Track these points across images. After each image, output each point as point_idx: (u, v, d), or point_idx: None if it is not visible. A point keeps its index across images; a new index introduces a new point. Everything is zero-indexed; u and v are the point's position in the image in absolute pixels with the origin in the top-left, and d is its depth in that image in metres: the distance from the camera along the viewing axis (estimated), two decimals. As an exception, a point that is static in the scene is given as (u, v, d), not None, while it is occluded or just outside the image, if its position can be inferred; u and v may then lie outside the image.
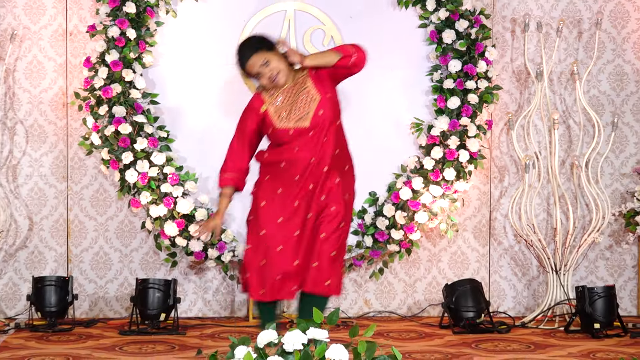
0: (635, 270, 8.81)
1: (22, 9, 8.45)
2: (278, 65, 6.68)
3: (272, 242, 6.59)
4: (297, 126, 6.64)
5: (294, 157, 6.64)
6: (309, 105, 6.67)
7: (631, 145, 8.79)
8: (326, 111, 6.67)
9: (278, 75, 6.67)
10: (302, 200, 6.64)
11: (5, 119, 8.47)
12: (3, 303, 8.54)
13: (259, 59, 6.68)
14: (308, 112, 6.65)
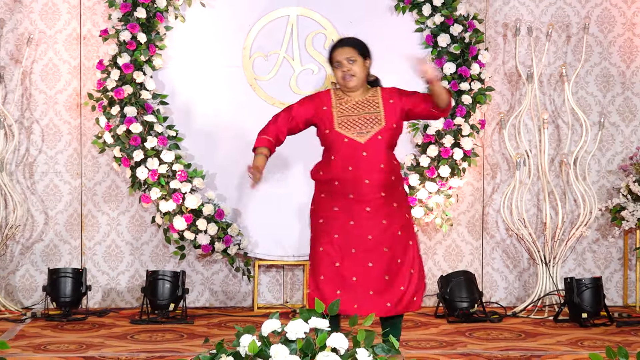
0: (621, 262, 8.82)
1: (38, 14, 8.46)
2: (358, 70, 6.58)
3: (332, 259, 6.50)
4: (354, 138, 6.50)
5: (348, 177, 6.48)
6: (371, 126, 6.51)
7: (617, 144, 8.79)
8: (385, 138, 6.51)
9: (352, 77, 6.56)
10: (359, 220, 6.56)
11: (22, 118, 8.48)
12: (20, 293, 8.56)
13: (351, 52, 6.59)
14: (369, 132, 6.49)
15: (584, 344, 7.13)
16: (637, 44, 8.77)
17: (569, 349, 6.93)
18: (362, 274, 6.45)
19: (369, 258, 6.46)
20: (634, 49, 8.77)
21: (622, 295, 8.82)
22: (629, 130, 8.80)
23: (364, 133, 6.50)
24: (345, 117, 6.56)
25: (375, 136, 6.49)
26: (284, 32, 8.50)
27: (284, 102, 8.35)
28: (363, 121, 6.54)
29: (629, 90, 8.78)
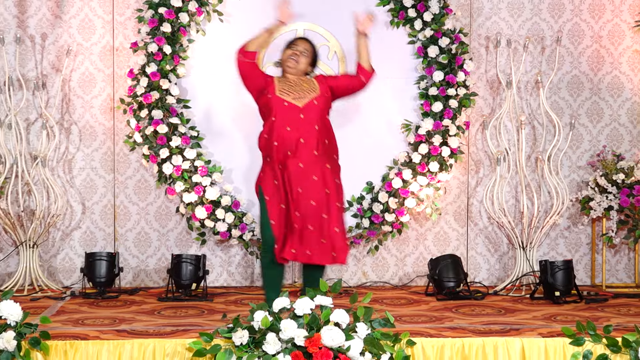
0: (589, 247, 8.81)
1: (76, 28, 8.46)
2: (303, 62, 6.97)
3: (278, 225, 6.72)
4: (292, 102, 6.76)
5: (286, 135, 6.71)
6: (308, 93, 6.83)
7: (586, 142, 8.79)
8: (320, 104, 6.83)
9: (296, 62, 6.92)
10: (293, 176, 6.68)
11: (62, 120, 8.48)
12: (60, 274, 8.56)
13: (309, 48, 7.03)
14: (305, 97, 6.80)
15: (557, 319, 7.11)
16: (603, 54, 8.75)
17: (544, 323, 6.92)
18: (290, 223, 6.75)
19: (297, 209, 6.73)
20: (601, 59, 8.76)
21: (590, 275, 8.81)
22: (596, 131, 8.79)
23: (301, 98, 6.82)
24: (286, 86, 6.89)
25: (311, 101, 6.83)
26: (292, 44, 8.50)
27: (292, 106, 8.37)
28: (302, 90, 6.87)
29: (596, 95, 8.77)
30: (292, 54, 6.96)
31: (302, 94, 6.82)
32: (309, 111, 6.76)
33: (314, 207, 6.74)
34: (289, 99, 6.78)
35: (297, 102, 6.78)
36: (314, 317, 5.94)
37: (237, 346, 5.90)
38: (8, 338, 5.86)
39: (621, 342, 6.18)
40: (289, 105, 6.75)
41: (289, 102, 6.76)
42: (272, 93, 6.81)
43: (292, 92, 6.83)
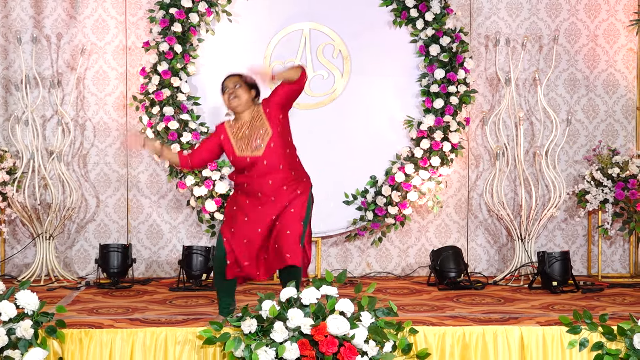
0: (585, 238, 8.79)
1: (90, 28, 8.45)
2: (244, 94, 6.64)
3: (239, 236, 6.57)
4: (253, 155, 6.55)
5: (255, 182, 6.58)
6: (262, 139, 6.57)
7: (582, 138, 8.76)
8: (276, 144, 6.57)
9: (240, 99, 6.63)
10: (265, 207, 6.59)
11: (77, 117, 8.48)
12: (76, 265, 8.55)
13: (237, 80, 6.67)
14: (262, 145, 6.55)
15: (554, 308, 7.10)
16: (598, 52, 8.72)
17: (542, 312, 6.90)
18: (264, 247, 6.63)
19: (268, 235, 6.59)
20: (596, 57, 8.73)
21: (587, 266, 8.78)
22: (592, 126, 8.77)
23: (259, 147, 6.58)
24: (241, 140, 6.66)
25: (268, 145, 6.57)
26: (298, 43, 8.48)
27: (299, 103, 8.32)
28: (256, 138, 6.62)
29: (592, 92, 8.75)
30: (229, 97, 6.69)
31: (259, 142, 6.59)
32: (271, 156, 6.56)
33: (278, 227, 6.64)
34: (249, 154, 6.59)
35: (257, 152, 6.58)
36: (320, 307, 5.93)
37: (246, 334, 5.89)
38: (25, 326, 5.85)
39: (616, 331, 6.17)
40: (252, 159, 6.56)
41: (251, 157, 6.57)
42: (233, 154, 6.63)
43: (249, 145, 6.61)
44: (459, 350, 6.24)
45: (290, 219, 6.57)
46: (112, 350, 6.12)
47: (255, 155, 6.55)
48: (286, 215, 6.57)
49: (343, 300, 5.95)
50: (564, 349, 6.23)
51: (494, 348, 6.25)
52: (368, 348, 5.86)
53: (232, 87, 6.66)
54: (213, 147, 6.75)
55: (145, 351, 6.14)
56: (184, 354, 6.12)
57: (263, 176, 6.55)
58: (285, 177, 6.59)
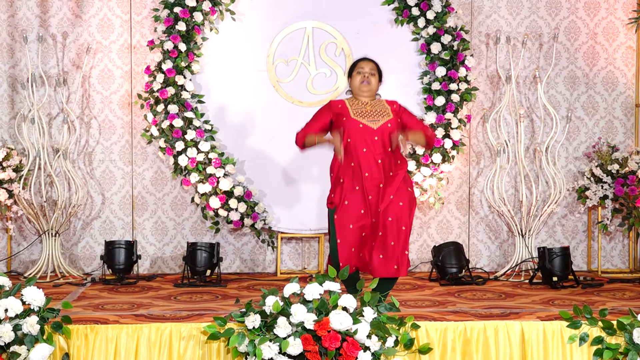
0: (585, 234, 8.78)
1: (96, 27, 8.44)
2: (374, 82, 6.75)
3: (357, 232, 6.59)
4: (367, 124, 6.59)
5: (364, 157, 6.58)
6: (382, 117, 6.64)
7: (582, 135, 8.75)
8: (393, 127, 6.64)
9: (369, 85, 6.71)
10: (375, 194, 6.59)
11: (83, 115, 8.47)
12: (81, 262, 8.55)
13: (374, 67, 6.79)
14: (379, 120, 6.62)
15: (554, 303, 7.09)
16: (598, 50, 8.72)
17: (542, 307, 6.90)
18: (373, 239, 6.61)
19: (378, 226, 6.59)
20: (596, 55, 8.72)
21: (587, 261, 8.78)
22: (592, 123, 8.76)
23: (375, 121, 6.61)
24: (359, 109, 6.69)
25: (385, 124, 6.64)
26: (301, 42, 8.48)
27: (302, 101, 8.35)
28: (374, 112, 6.68)
29: (592, 89, 8.74)
30: (362, 80, 6.73)
31: (376, 117, 6.64)
32: (383, 133, 6.60)
33: (393, 223, 6.65)
34: (364, 121, 6.61)
35: (371, 124, 6.61)
36: (323, 302, 5.93)
37: (250, 330, 5.89)
38: (32, 322, 5.85)
39: (616, 325, 6.16)
40: (364, 127, 6.59)
41: (364, 124, 6.60)
42: (347, 116, 6.64)
43: (366, 115, 6.65)
44: (460, 345, 6.24)
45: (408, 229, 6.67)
46: (117, 345, 6.12)
47: (369, 125, 6.60)
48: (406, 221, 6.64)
49: (346, 296, 5.95)
50: (564, 343, 6.22)
51: (495, 343, 6.25)
52: (370, 343, 5.86)
53: (368, 71, 6.76)
54: (325, 122, 6.75)
55: (150, 347, 6.14)
56: (188, 349, 6.12)
57: (372, 151, 6.57)
58: (392, 161, 6.64)
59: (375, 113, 6.68)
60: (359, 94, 6.76)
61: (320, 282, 6.03)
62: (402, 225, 6.59)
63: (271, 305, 5.91)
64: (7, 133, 8.42)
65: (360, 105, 6.73)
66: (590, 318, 6.22)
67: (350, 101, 6.78)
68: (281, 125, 8.29)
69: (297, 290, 6.00)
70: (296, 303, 5.92)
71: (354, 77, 6.77)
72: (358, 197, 6.60)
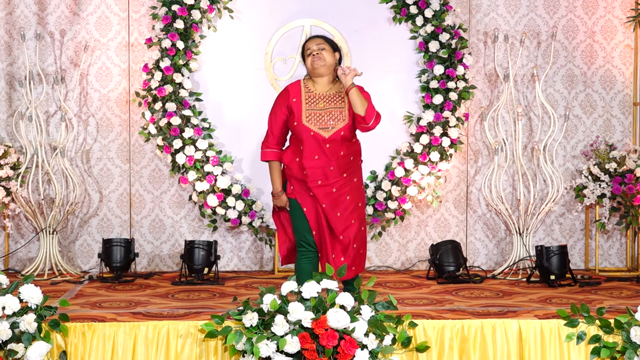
0: (583, 232, 8.79)
1: (94, 25, 8.44)
2: (327, 56, 6.53)
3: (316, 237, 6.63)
4: (318, 132, 6.47)
5: (315, 165, 6.51)
6: (336, 123, 6.49)
7: (580, 133, 8.76)
8: (346, 134, 6.53)
9: (321, 61, 6.51)
10: (329, 201, 6.57)
11: (80, 113, 8.47)
12: (79, 259, 8.55)
13: (320, 41, 6.58)
14: (332, 127, 6.48)
15: (552, 302, 7.09)
16: (596, 49, 8.72)
17: (540, 306, 6.90)
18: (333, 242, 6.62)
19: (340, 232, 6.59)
20: (594, 53, 8.72)
21: (584, 260, 8.78)
22: (589, 122, 8.76)
23: (328, 128, 6.48)
24: (312, 111, 6.52)
25: (338, 132, 6.49)
26: (299, 40, 8.47)
27: (299, 99, 8.36)
28: (328, 116, 6.51)
29: (590, 88, 8.74)
30: (313, 58, 6.52)
31: (330, 122, 6.48)
32: (334, 141, 6.48)
33: (354, 225, 6.65)
34: (314, 129, 6.47)
35: (323, 132, 6.47)
36: (321, 300, 5.93)
37: (247, 328, 5.89)
38: (29, 320, 5.86)
39: (613, 324, 6.17)
40: (315, 135, 6.46)
41: (315, 132, 6.46)
42: (299, 120, 6.49)
43: (318, 120, 6.49)
44: (457, 343, 6.24)
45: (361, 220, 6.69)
46: (114, 343, 6.12)
47: (320, 134, 6.47)
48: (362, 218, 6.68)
49: (343, 294, 5.95)
50: (562, 342, 6.23)
51: (493, 341, 6.25)
52: (368, 341, 5.86)
53: (316, 48, 6.55)
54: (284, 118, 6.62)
55: (147, 344, 6.14)
56: (185, 347, 6.12)
57: (324, 158, 6.49)
58: (346, 163, 6.56)
59: (329, 116, 6.50)
60: (315, 75, 6.60)
61: (318, 280, 6.03)
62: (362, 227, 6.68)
63: (269, 303, 5.91)
64: (4, 131, 8.41)
65: (314, 101, 6.56)
66: (587, 316, 6.22)
67: (307, 89, 6.60)
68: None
69: (295, 288, 6.00)
70: (294, 301, 5.92)
71: (306, 61, 6.59)
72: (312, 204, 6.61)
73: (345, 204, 6.60)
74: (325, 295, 5.99)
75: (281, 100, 6.67)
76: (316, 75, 6.62)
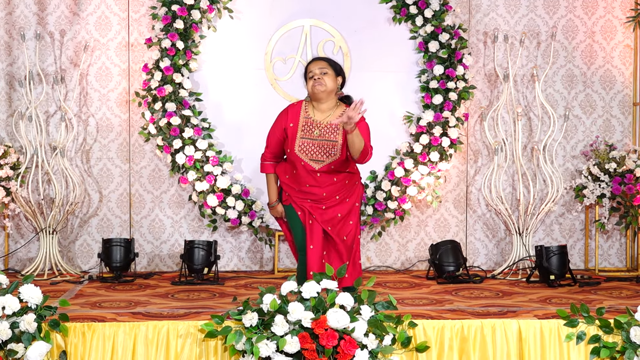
0: (582, 232, 8.79)
1: (93, 25, 8.44)
2: (329, 81, 6.52)
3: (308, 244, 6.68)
4: (309, 163, 6.54)
5: (308, 190, 6.60)
6: (327, 157, 6.54)
7: (579, 133, 8.76)
8: (337, 167, 6.58)
9: (322, 87, 6.49)
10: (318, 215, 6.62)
11: (80, 113, 8.47)
12: (79, 259, 8.55)
13: (324, 65, 6.56)
14: (323, 161, 6.54)
15: (552, 302, 7.09)
16: (596, 49, 8.72)
17: (539, 306, 6.90)
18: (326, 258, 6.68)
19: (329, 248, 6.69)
20: (594, 53, 8.72)
21: (584, 260, 8.78)
22: (589, 122, 8.77)
23: (319, 161, 6.54)
24: (305, 140, 6.55)
25: (328, 166, 6.56)
26: (299, 40, 8.47)
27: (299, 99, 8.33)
28: (320, 150, 6.54)
29: (590, 88, 8.74)
30: (314, 83, 6.53)
31: (321, 156, 6.52)
32: (325, 173, 6.56)
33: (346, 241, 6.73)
34: (306, 159, 6.54)
35: (313, 164, 6.54)
36: (320, 300, 5.93)
37: (247, 328, 5.89)
38: (29, 320, 5.86)
39: (613, 324, 6.17)
40: (305, 165, 6.54)
41: (305, 163, 6.54)
42: (292, 149, 6.56)
43: (310, 151, 6.53)
44: (457, 343, 6.24)
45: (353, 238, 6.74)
46: (114, 343, 6.12)
47: (311, 165, 6.55)
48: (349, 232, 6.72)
49: (343, 294, 5.95)
50: (562, 342, 6.23)
51: (492, 341, 6.25)
52: (368, 341, 5.86)
53: (318, 72, 6.52)
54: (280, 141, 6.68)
55: (147, 344, 6.14)
56: (185, 347, 6.12)
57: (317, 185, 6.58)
58: (340, 188, 6.63)
59: (321, 149, 6.53)
60: (315, 99, 6.62)
61: (318, 280, 6.03)
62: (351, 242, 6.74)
63: (269, 303, 5.91)
64: (4, 131, 8.41)
65: (310, 128, 6.56)
66: (587, 316, 6.23)
67: (306, 114, 6.63)
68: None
69: (295, 288, 6.00)
70: (293, 301, 5.92)
71: (307, 83, 6.61)
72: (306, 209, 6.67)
73: (336, 219, 6.68)
74: (325, 295, 5.99)
75: (280, 122, 6.74)
76: (316, 100, 6.64)
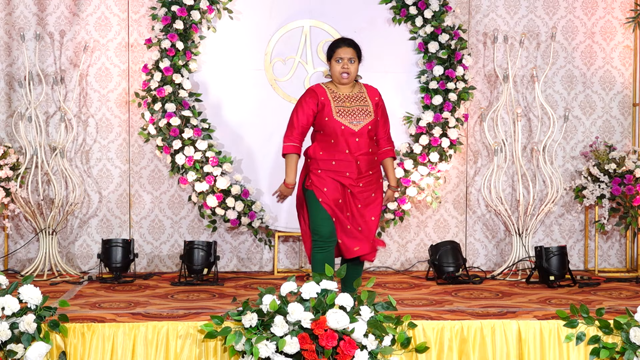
0: (582, 233, 8.79)
1: (93, 25, 8.44)
2: (354, 70, 6.72)
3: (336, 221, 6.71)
4: (349, 126, 6.64)
5: (345, 158, 6.66)
6: (363, 117, 6.69)
7: (579, 134, 8.76)
8: (372, 129, 6.73)
9: (349, 75, 6.70)
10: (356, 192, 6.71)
11: (80, 113, 8.47)
12: (78, 260, 8.55)
13: (353, 53, 6.74)
14: (360, 122, 6.67)
15: (551, 302, 7.09)
16: (595, 49, 8.72)
17: (539, 306, 6.90)
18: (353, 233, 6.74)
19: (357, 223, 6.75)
20: (593, 54, 8.72)
21: (584, 260, 8.78)
22: (589, 122, 8.77)
23: (357, 122, 6.67)
24: (341, 107, 6.70)
25: (366, 126, 6.69)
26: (299, 40, 8.47)
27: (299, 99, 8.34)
28: (356, 112, 6.70)
29: (589, 88, 8.74)
30: (342, 70, 6.71)
31: (358, 117, 6.69)
32: (363, 135, 6.67)
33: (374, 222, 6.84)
34: (345, 123, 6.65)
35: (353, 126, 6.66)
36: (320, 301, 5.93)
37: (247, 328, 5.89)
38: (28, 321, 5.86)
39: (613, 324, 6.17)
40: (346, 129, 6.64)
41: (346, 126, 6.64)
42: (330, 115, 6.66)
43: (347, 115, 6.69)
44: (457, 344, 6.24)
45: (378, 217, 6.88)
46: (114, 344, 6.13)
47: (350, 128, 6.66)
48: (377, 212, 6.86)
49: (343, 295, 5.95)
50: (561, 342, 6.23)
51: (492, 342, 6.25)
52: (367, 342, 5.86)
53: (347, 60, 6.72)
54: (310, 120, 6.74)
55: (147, 345, 6.14)
56: (185, 347, 6.12)
57: (353, 152, 6.67)
58: (370, 161, 6.74)
59: (357, 112, 6.72)
60: (338, 82, 6.78)
61: (317, 280, 6.03)
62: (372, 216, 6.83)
63: (268, 304, 5.91)
64: (4, 131, 8.42)
65: (341, 100, 6.74)
66: (587, 317, 6.23)
67: (331, 91, 6.77)
68: (278, 124, 8.26)
69: (294, 289, 6.00)
70: (293, 302, 5.92)
71: (333, 65, 6.75)
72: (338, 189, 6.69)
73: (369, 199, 6.78)
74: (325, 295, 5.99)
75: (311, 96, 6.77)
76: (339, 83, 6.79)
